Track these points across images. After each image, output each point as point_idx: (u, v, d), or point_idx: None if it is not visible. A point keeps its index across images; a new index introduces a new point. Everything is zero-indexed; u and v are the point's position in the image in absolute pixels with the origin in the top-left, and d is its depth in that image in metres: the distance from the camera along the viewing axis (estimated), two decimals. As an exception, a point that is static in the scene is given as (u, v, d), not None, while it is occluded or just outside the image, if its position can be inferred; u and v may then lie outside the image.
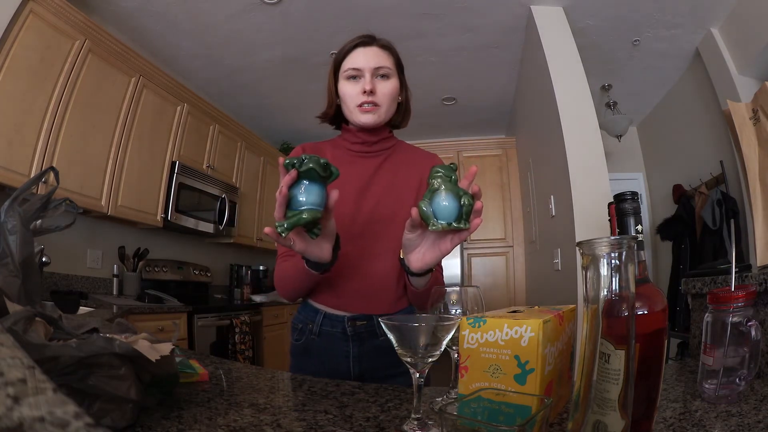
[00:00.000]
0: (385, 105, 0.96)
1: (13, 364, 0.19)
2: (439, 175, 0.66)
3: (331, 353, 0.94)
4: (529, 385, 0.48)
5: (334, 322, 0.94)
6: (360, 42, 0.96)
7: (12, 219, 0.55)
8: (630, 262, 0.39)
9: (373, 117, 0.95)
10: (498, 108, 3.98)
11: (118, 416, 0.45)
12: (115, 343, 0.45)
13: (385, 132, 1.03)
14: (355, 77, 0.95)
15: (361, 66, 0.94)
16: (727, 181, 2.82)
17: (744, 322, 0.60)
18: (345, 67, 0.96)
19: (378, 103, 0.94)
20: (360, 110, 0.94)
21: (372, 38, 0.98)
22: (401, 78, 1.01)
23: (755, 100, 1.22)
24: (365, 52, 0.95)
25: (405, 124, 1.06)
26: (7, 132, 1.89)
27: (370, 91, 0.93)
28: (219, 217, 3.29)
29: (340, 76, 0.97)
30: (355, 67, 0.94)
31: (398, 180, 0.99)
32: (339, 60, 0.98)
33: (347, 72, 0.95)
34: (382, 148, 1.02)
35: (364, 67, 0.94)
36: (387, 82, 0.96)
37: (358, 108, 0.94)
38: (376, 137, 1.00)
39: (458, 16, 2.72)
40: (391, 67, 0.97)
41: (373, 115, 0.95)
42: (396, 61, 0.99)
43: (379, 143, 1.01)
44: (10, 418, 0.16)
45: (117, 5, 2.55)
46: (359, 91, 0.94)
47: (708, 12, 2.62)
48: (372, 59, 0.94)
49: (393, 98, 0.97)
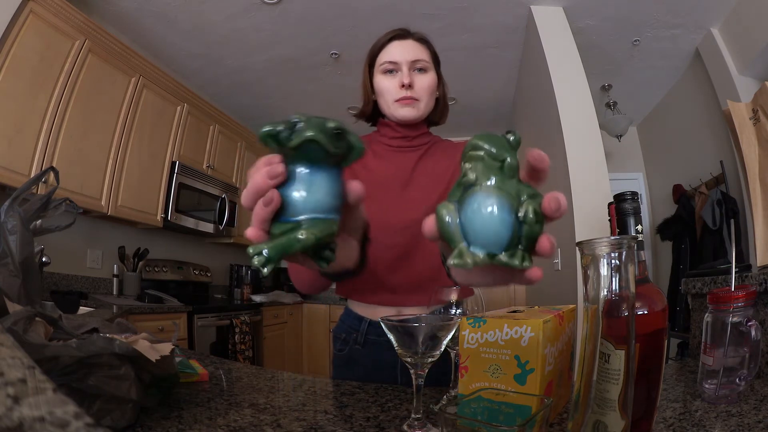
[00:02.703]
0: (424, 99, 0.92)
1: (13, 364, 0.19)
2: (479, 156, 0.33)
3: (377, 363, 0.90)
4: (529, 385, 0.48)
5: (379, 330, 0.89)
6: (395, 35, 0.93)
7: (12, 219, 0.55)
8: (630, 262, 0.39)
9: (413, 111, 0.91)
10: (498, 108, 3.98)
11: (118, 416, 0.45)
12: (115, 343, 0.45)
13: (424, 128, 0.98)
14: (391, 71, 0.92)
15: (397, 59, 0.90)
16: (727, 181, 2.82)
17: (744, 322, 0.60)
18: (381, 61, 0.92)
19: (417, 98, 0.91)
20: (399, 104, 0.91)
21: (407, 31, 0.94)
22: (438, 72, 0.96)
23: (755, 100, 1.22)
24: (401, 45, 0.92)
25: (443, 120, 1.01)
26: (7, 132, 1.89)
27: (408, 84, 0.89)
28: (219, 217, 3.29)
29: (376, 71, 0.93)
30: (392, 60, 0.91)
31: (439, 168, 0.94)
32: (374, 54, 0.94)
33: (383, 66, 0.92)
34: (422, 143, 0.97)
35: (401, 61, 0.90)
36: (425, 75, 0.92)
37: (396, 102, 0.91)
38: (416, 131, 0.96)
39: (458, 16, 2.71)
40: (428, 60, 0.93)
41: (412, 108, 0.91)
42: (432, 55, 0.95)
43: (418, 138, 0.96)
44: (10, 418, 0.16)
45: (117, 5, 2.54)
46: (397, 85, 0.90)
47: (708, 12, 2.62)
48: (409, 52, 0.91)
49: (431, 92, 0.93)
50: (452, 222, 0.33)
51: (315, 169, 0.34)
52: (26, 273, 0.55)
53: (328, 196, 0.34)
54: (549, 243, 0.32)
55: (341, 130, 0.34)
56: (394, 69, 0.91)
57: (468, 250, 0.32)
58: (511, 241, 0.31)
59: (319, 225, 0.34)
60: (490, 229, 0.31)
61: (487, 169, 0.33)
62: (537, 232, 0.31)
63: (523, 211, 0.31)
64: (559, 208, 0.31)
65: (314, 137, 0.32)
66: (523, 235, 0.31)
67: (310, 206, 0.34)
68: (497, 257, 0.31)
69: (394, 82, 0.91)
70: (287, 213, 0.34)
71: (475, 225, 0.32)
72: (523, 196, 0.32)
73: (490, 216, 0.31)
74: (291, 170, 0.34)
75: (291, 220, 0.34)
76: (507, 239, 0.31)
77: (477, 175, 0.33)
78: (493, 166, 0.33)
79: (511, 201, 0.31)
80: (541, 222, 0.31)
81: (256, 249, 0.32)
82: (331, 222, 0.34)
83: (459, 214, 0.33)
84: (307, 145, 0.33)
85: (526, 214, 0.31)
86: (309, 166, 0.34)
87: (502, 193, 0.32)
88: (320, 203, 0.34)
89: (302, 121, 0.33)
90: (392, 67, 0.91)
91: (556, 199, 0.31)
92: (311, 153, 0.33)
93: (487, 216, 0.31)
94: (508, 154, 0.32)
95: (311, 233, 0.33)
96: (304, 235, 0.32)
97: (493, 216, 0.31)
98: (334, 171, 0.35)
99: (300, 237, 0.32)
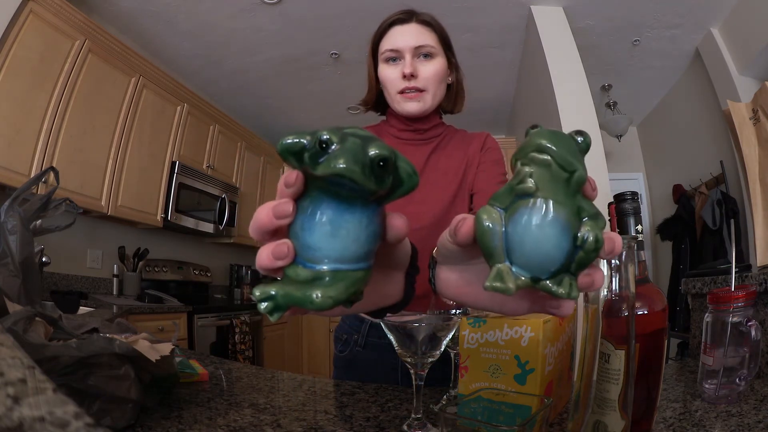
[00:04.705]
0: (431, 89, 0.84)
1: (13, 364, 0.19)
2: (546, 162, 0.27)
3: (377, 366, 0.88)
4: (529, 385, 0.48)
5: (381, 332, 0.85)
6: (397, 19, 0.86)
7: (12, 219, 0.55)
8: (630, 262, 0.39)
9: (418, 105, 0.84)
10: (498, 108, 3.98)
11: (118, 416, 0.45)
12: (115, 343, 0.45)
13: (436, 118, 0.91)
14: (394, 59, 0.85)
15: (399, 46, 0.83)
16: (727, 181, 2.82)
17: (744, 322, 0.60)
18: (382, 49, 0.86)
19: (422, 88, 0.83)
20: (403, 97, 0.84)
21: (411, 14, 0.86)
22: (449, 56, 0.89)
23: (755, 100, 1.22)
24: (403, 30, 0.84)
25: (459, 108, 0.94)
26: (7, 132, 1.89)
27: (410, 74, 0.82)
28: (219, 217, 3.29)
29: (379, 59, 0.87)
30: (393, 48, 0.84)
31: (453, 162, 0.88)
32: (376, 41, 0.88)
33: (385, 54, 0.85)
34: (434, 135, 0.90)
35: (403, 48, 0.83)
36: (430, 62, 0.84)
37: (400, 95, 0.84)
38: (427, 124, 0.89)
39: (458, 16, 2.71)
40: (435, 44, 0.85)
41: (417, 102, 0.84)
42: (440, 38, 0.87)
43: (430, 130, 0.90)
44: (10, 418, 0.16)
45: (117, 5, 2.55)
46: (399, 75, 0.83)
47: (708, 12, 2.62)
48: (411, 38, 0.83)
49: (439, 80, 0.85)
50: (495, 233, 0.27)
51: (344, 208, 0.25)
52: (26, 273, 0.55)
53: (358, 242, 0.26)
54: (599, 274, 0.28)
55: (386, 159, 0.24)
56: (396, 57, 0.85)
57: (511, 272, 0.27)
58: (561, 266, 0.27)
59: (342, 281, 0.25)
60: (543, 250, 0.26)
61: (551, 180, 0.26)
62: (591, 260, 0.26)
63: (583, 235, 0.26)
64: (613, 250, 0.26)
65: (346, 172, 0.23)
66: (575, 261, 0.26)
67: (333, 254, 0.25)
68: (542, 282, 0.27)
69: (397, 71, 0.84)
70: (304, 255, 0.25)
71: (525, 243, 0.26)
72: (585, 216, 0.27)
73: (547, 236, 0.26)
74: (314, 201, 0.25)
75: (308, 267, 0.26)
76: (559, 264, 0.26)
77: (538, 184, 0.26)
78: (560, 177, 0.26)
79: (572, 221, 0.26)
80: (599, 249, 0.26)
81: (263, 293, 0.25)
82: (359, 274, 0.26)
83: (505, 226, 0.27)
84: (337, 180, 0.23)
85: (586, 239, 0.26)
86: (337, 203, 0.25)
87: (565, 210, 0.26)
88: (347, 252, 0.25)
89: (335, 141, 0.23)
90: (394, 55, 0.85)
91: (612, 240, 0.26)
92: (342, 188, 0.24)
93: (543, 235, 0.26)
94: (579, 165, 0.26)
95: (328, 297, 0.25)
96: (319, 298, 0.25)
97: (550, 236, 0.26)
98: (371, 209, 0.26)
99: (314, 299, 0.25)
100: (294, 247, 0.26)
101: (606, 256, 0.27)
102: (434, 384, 0.68)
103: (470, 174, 0.88)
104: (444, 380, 0.69)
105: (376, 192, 0.25)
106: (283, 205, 0.25)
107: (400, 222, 0.28)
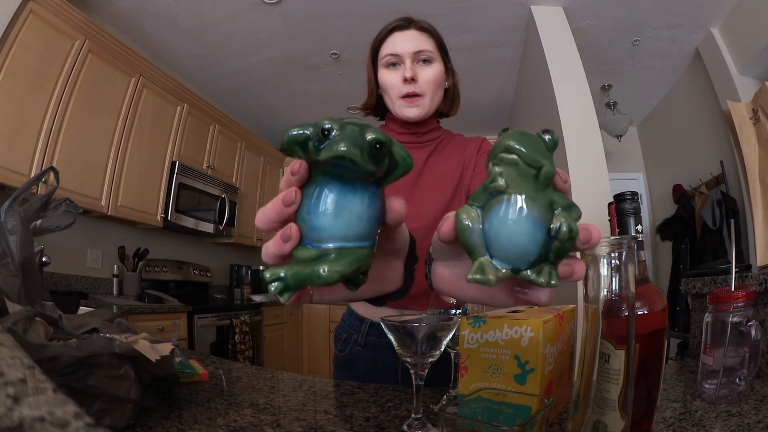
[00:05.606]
0: (429, 94, 0.88)
1: (13, 364, 0.19)
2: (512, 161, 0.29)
3: (377, 365, 0.89)
4: (529, 385, 0.48)
5: (380, 331, 0.87)
6: (397, 26, 0.89)
7: (12, 219, 0.55)
8: (630, 262, 0.39)
9: (418, 110, 0.88)
10: (498, 108, 3.98)
11: (118, 416, 0.45)
12: (115, 343, 0.45)
13: (434, 122, 0.95)
14: (394, 64, 0.88)
15: (399, 51, 0.87)
16: (727, 181, 2.82)
17: (744, 322, 0.60)
18: (383, 54, 0.89)
19: (420, 93, 0.87)
20: (403, 102, 0.87)
21: (409, 21, 0.90)
22: (446, 61, 0.93)
23: (755, 100, 1.22)
24: (403, 36, 0.88)
25: (454, 111, 0.98)
26: (7, 132, 1.89)
27: (411, 78, 0.86)
28: (219, 217, 3.29)
29: (379, 64, 0.90)
30: (393, 53, 0.87)
31: (450, 165, 0.91)
32: (376, 47, 0.91)
33: (385, 59, 0.89)
34: (431, 138, 0.94)
35: (402, 53, 0.87)
36: (429, 67, 0.88)
37: (401, 100, 0.88)
38: (425, 127, 0.93)
39: (458, 16, 2.71)
40: (433, 50, 0.89)
41: (417, 108, 0.87)
42: (438, 44, 0.91)
43: (428, 133, 0.93)
44: (10, 418, 0.16)
45: (117, 5, 2.54)
46: (400, 80, 0.87)
47: (708, 12, 2.62)
48: (411, 43, 0.87)
49: (437, 85, 0.89)
50: (474, 230, 0.29)
51: (347, 189, 0.28)
52: (26, 273, 0.55)
53: (361, 221, 0.28)
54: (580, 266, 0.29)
55: (382, 143, 0.27)
56: (396, 62, 0.88)
57: (491, 265, 0.29)
58: (539, 256, 0.28)
59: (347, 257, 0.28)
60: (518, 243, 0.28)
61: (520, 177, 0.28)
62: (567, 249, 0.28)
63: (556, 226, 0.28)
64: (590, 240, 0.28)
65: (346, 154, 0.26)
66: (552, 250, 0.28)
67: (338, 233, 0.28)
68: (522, 273, 0.29)
69: (397, 76, 0.88)
70: (311, 236, 0.28)
71: (501, 237, 0.28)
72: (557, 208, 0.29)
73: (521, 229, 0.28)
74: (318, 185, 0.28)
75: (315, 246, 0.28)
76: (536, 254, 0.28)
77: (508, 182, 0.28)
78: (528, 174, 0.28)
79: (544, 214, 0.28)
80: (574, 238, 0.28)
81: (273, 274, 0.27)
82: (363, 252, 0.29)
83: (483, 222, 0.29)
84: (339, 162, 0.26)
85: (560, 229, 0.28)
86: (340, 186, 0.28)
87: (535, 204, 0.28)
88: (351, 230, 0.28)
89: (335, 128, 0.26)
90: (395, 60, 0.88)
91: (588, 230, 0.28)
92: (343, 170, 0.27)
93: (517, 229, 0.28)
94: (545, 161, 0.28)
95: (335, 271, 0.27)
96: (326, 272, 0.27)
97: (524, 230, 0.28)
98: (370, 191, 0.29)
99: (321, 274, 0.27)
100: (301, 230, 0.28)
101: (583, 246, 0.29)
102: (434, 384, 0.68)
103: (467, 176, 0.90)
104: (444, 380, 0.69)
105: (375, 173, 0.28)
106: (289, 193, 0.28)
107: (399, 204, 0.30)
